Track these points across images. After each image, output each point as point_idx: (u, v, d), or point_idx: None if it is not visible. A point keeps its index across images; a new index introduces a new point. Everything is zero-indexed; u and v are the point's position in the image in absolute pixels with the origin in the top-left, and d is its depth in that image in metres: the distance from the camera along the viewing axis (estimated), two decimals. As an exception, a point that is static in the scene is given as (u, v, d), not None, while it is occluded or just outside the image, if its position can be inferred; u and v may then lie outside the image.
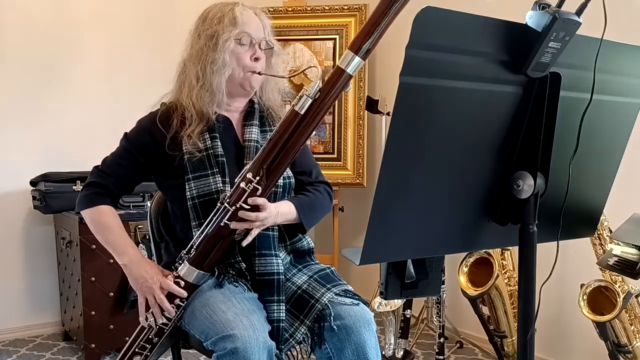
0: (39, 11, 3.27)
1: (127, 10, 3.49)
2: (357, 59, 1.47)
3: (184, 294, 1.61)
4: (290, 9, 3.58)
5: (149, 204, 1.90)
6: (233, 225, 1.57)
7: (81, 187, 1.81)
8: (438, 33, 0.98)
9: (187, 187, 1.65)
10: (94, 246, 2.81)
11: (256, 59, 1.70)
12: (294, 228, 1.74)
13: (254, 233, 1.60)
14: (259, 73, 1.71)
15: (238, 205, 1.56)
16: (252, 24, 1.70)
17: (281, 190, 1.70)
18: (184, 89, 1.71)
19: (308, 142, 1.72)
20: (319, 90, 1.53)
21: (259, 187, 1.55)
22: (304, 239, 1.79)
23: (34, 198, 3.13)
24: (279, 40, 1.81)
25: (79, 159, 3.26)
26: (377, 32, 1.44)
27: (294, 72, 3.46)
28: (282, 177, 1.67)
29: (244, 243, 1.60)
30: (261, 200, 1.56)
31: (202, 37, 1.69)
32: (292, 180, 1.75)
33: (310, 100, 1.53)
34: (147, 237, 2.28)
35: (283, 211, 1.65)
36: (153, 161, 1.71)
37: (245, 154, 1.71)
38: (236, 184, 1.58)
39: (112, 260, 2.82)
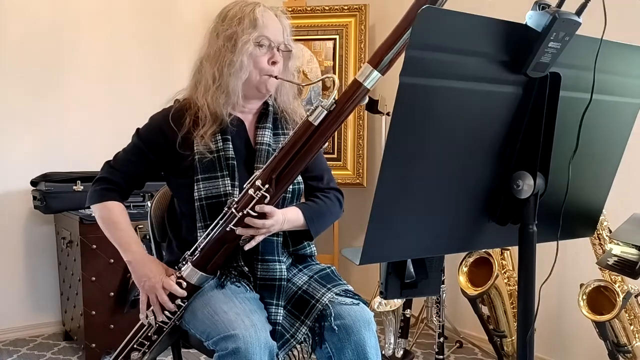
0: (39, 11, 3.27)
1: (127, 10, 3.49)
2: (376, 73, 1.43)
3: (184, 294, 1.61)
4: (290, 9, 3.57)
5: (149, 204, 1.90)
6: (239, 231, 1.56)
7: (82, 186, 1.81)
8: (438, 33, 0.98)
9: (195, 187, 1.64)
10: (94, 246, 2.82)
11: (273, 63, 1.68)
12: (301, 235, 1.73)
13: (259, 239, 1.60)
14: (276, 77, 1.69)
15: (245, 212, 1.55)
16: (272, 27, 1.68)
17: (290, 195, 1.70)
18: (199, 88, 1.69)
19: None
20: (334, 102, 1.51)
21: (267, 195, 1.54)
22: (307, 247, 1.79)
23: (34, 198, 3.14)
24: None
25: (79, 159, 3.27)
26: (398, 47, 1.40)
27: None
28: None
29: (247, 247, 1.59)
30: (268, 208, 1.55)
31: (220, 37, 1.66)
32: (302, 186, 1.74)
33: (325, 112, 1.51)
34: (148, 237, 2.28)
35: (290, 218, 1.64)
36: (163, 159, 1.71)
37: (257, 158, 1.70)
38: (244, 190, 1.57)
39: (112, 260, 2.83)
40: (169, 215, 1.84)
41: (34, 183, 3.14)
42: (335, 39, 3.55)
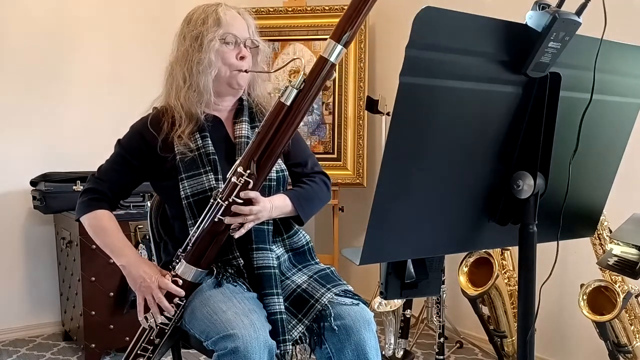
0: (40, 11, 3.27)
1: (127, 10, 3.49)
2: (340, 47, 1.51)
3: (182, 293, 1.61)
4: (290, 9, 3.57)
5: (149, 204, 1.90)
6: (227, 220, 1.58)
7: (82, 186, 1.82)
8: (438, 33, 0.98)
9: (181, 187, 1.66)
10: (94, 246, 2.81)
11: (242, 58, 1.72)
12: (292, 221, 1.75)
13: (248, 226, 1.61)
14: (246, 71, 1.72)
15: (231, 200, 1.56)
16: (236, 24, 1.72)
17: (275, 184, 1.71)
18: (171, 91, 1.73)
19: (303, 134, 1.73)
20: (303, 81, 1.55)
21: (250, 180, 1.56)
22: (299, 233, 1.79)
23: (34, 198, 3.13)
24: (279, 40, 1.83)
25: (79, 159, 3.26)
26: (359, 19, 1.47)
27: (295, 72, 3.46)
28: (275, 171, 1.68)
29: (237, 235, 1.60)
30: (253, 194, 1.57)
31: (187, 38, 1.72)
32: (286, 173, 1.76)
33: (295, 91, 1.56)
34: (147, 237, 2.28)
35: (278, 204, 1.66)
36: (146, 164, 1.73)
37: (237, 151, 1.72)
38: (228, 178, 1.59)
39: (112, 260, 2.77)
40: (162, 219, 1.84)
41: (33, 183, 3.14)
42: (335, 39, 3.55)
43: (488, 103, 1.10)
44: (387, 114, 3.08)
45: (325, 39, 1.53)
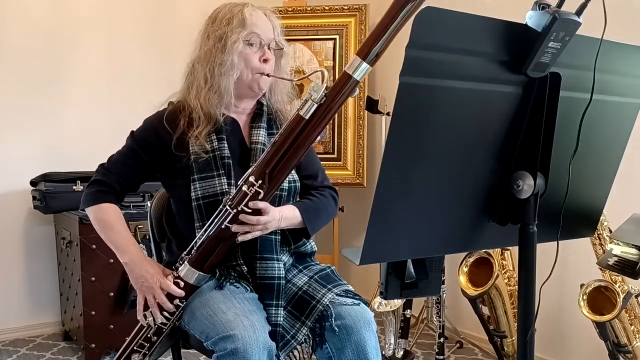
0: (40, 11, 3.27)
1: (127, 9, 3.49)
2: (365, 64, 1.45)
3: (182, 294, 1.61)
4: (290, 9, 3.58)
5: (149, 204, 1.90)
6: (234, 228, 1.57)
7: (82, 186, 1.81)
8: (438, 33, 0.98)
9: (192, 187, 1.64)
10: (94, 246, 2.81)
11: (265, 61, 1.69)
12: (298, 233, 1.73)
13: (255, 234, 1.60)
14: (268, 75, 1.69)
15: (239, 209, 1.55)
16: (262, 25, 1.69)
17: (286, 193, 1.70)
18: (191, 90, 1.70)
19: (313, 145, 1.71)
20: (324, 96, 1.51)
21: (260, 191, 1.54)
22: (308, 244, 1.78)
23: (34, 198, 3.13)
24: (279, 39, 1.80)
25: (79, 159, 3.26)
26: (386, 37, 1.41)
27: (295, 72, 3.46)
28: (287, 181, 1.66)
29: (240, 239, 1.59)
30: (262, 204, 1.55)
31: (210, 38, 1.68)
32: (298, 184, 1.74)
33: (315, 105, 1.51)
34: (147, 237, 2.28)
35: (287, 215, 1.65)
36: (159, 160, 1.71)
37: (252, 157, 1.70)
38: (239, 186, 1.57)
39: (112, 260, 2.83)
40: (167, 217, 1.83)
41: (33, 183, 3.14)
42: (335, 39, 3.55)
43: (488, 103, 1.10)
44: (387, 114, 3.08)
45: (325, 39, 1.51)
